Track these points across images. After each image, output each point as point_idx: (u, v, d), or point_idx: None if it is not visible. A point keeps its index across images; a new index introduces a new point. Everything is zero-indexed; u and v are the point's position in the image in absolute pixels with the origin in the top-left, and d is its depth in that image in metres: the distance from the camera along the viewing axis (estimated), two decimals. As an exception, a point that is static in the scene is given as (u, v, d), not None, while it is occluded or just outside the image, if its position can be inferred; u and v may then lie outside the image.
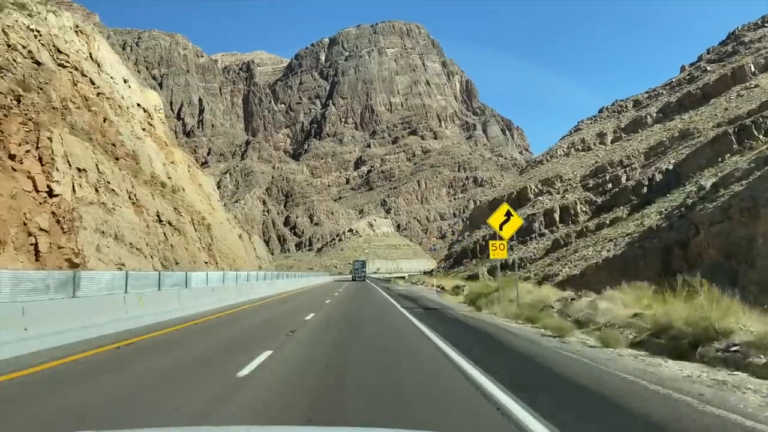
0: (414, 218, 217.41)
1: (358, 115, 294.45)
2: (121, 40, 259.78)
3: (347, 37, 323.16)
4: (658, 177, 59.21)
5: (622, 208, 59.11)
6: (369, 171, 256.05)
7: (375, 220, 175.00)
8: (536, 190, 77.97)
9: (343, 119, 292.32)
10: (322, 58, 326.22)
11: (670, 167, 58.43)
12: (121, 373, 7.27)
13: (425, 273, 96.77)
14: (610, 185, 67.71)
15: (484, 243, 74.41)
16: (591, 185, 72.05)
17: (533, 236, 69.69)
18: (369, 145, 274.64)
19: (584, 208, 68.82)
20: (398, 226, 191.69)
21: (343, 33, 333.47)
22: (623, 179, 66.36)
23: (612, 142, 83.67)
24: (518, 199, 79.01)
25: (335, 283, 67.08)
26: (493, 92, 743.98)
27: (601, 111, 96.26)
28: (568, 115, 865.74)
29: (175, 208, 41.67)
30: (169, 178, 46.53)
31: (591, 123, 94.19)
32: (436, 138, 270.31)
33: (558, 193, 74.94)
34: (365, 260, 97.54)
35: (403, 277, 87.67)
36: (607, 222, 58.21)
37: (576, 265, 50.35)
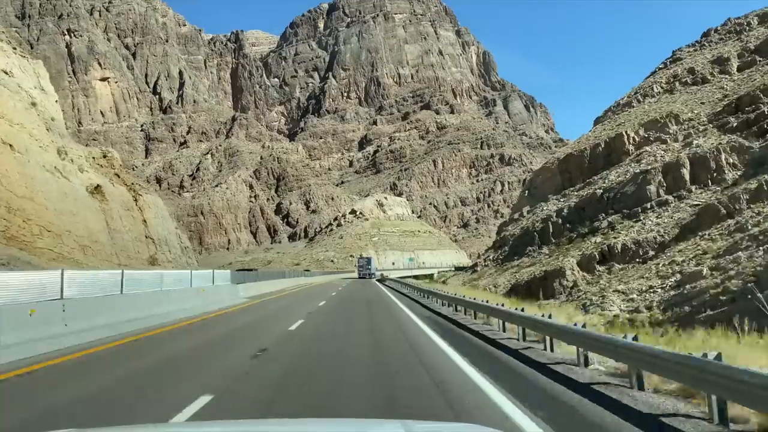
0: (430, 204, 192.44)
1: (362, 89, 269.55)
2: (89, 5, 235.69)
3: (349, 0, 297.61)
4: None
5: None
6: (376, 151, 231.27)
7: (386, 198, 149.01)
8: (637, 138, 53.08)
9: (345, 93, 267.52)
10: (321, 25, 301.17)
11: None
12: None
13: (459, 269, 72.51)
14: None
15: (563, 220, 49.72)
16: (735, 125, 47.25)
17: (648, 206, 44.94)
18: (375, 122, 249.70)
19: (731, 159, 44.03)
20: (411, 213, 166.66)
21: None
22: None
23: (740, 70, 58.77)
24: (607, 153, 54.42)
25: (324, 288, 45.53)
26: (513, 67, 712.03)
27: (706, 35, 71.22)
28: (597, 94, 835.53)
29: None
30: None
31: (695, 51, 69.30)
32: (452, 112, 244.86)
33: (676, 141, 50.08)
34: (371, 257, 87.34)
35: (431, 276, 63.90)
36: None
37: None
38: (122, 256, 29.38)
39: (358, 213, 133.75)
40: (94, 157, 39.01)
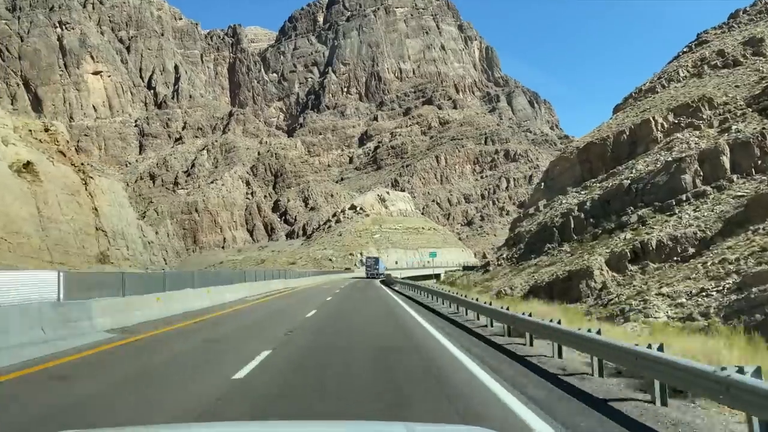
0: (433, 201, 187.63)
1: (363, 84, 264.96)
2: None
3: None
4: None
5: None
6: (376, 147, 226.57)
7: (388, 193, 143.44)
8: (666, 125, 48.56)
9: (345, 89, 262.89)
10: (320, 19, 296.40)
11: None
12: None
13: (468, 268, 67.94)
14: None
15: (585, 214, 45.19)
16: (778, 108, 42.72)
17: (683, 198, 40.44)
18: (376, 118, 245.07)
19: (777, 145, 39.51)
20: (415, 209, 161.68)
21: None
22: None
23: (775, 51, 54.32)
24: (633, 140, 49.94)
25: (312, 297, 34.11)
26: (516, 64, 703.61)
27: (734, 16, 66.69)
28: (601, 92, 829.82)
29: None
30: None
31: (722, 33, 64.77)
32: (455, 107, 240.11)
33: (710, 126, 45.57)
34: (378, 257, 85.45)
35: (438, 276, 59.38)
36: None
37: None
38: (57, 252, 24.60)
39: (358, 209, 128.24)
40: (31, 130, 32.50)
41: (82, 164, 33.37)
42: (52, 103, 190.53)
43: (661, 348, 6.92)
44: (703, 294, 26.68)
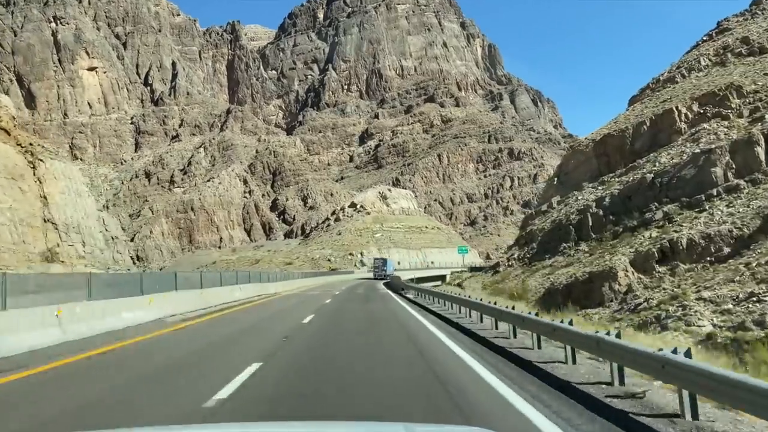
0: (435, 200, 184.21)
1: (364, 82, 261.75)
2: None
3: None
4: None
5: None
6: (377, 145, 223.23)
7: (390, 190, 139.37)
8: (690, 115, 45.32)
9: (346, 86, 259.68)
10: (320, 16, 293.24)
11: None
12: None
13: (475, 269, 64.62)
14: None
15: (604, 211, 41.94)
16: (816, 95, 39.54)
17: (714, 193, 37.24)
18: (377, 116, 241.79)
19: (817, 136, 36.31)
20: (418, 207, 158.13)
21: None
22: None
23: (805, 38, 51.18)
24: (654, 132, 46.71)
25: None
26: (519, 62, 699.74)
27: (756, 3, 63.46)
28: (604, 91, 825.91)
29: None
30: None
31: (745, 20, 61.51)
32: (458, 105, 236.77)
33: (740, 116, 42.34)
34: (386, 258, 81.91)
35: (443, 277, 56.14)
36: None
37: None
38: (-16, 247, 21.19)
39: (358, 206, 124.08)
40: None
41: (31, 144, 29.72)
42: (46, 99, 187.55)
43: None
44: (754, 299, 23.50)
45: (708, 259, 32.19)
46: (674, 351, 6.22)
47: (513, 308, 13.55)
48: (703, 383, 5.37)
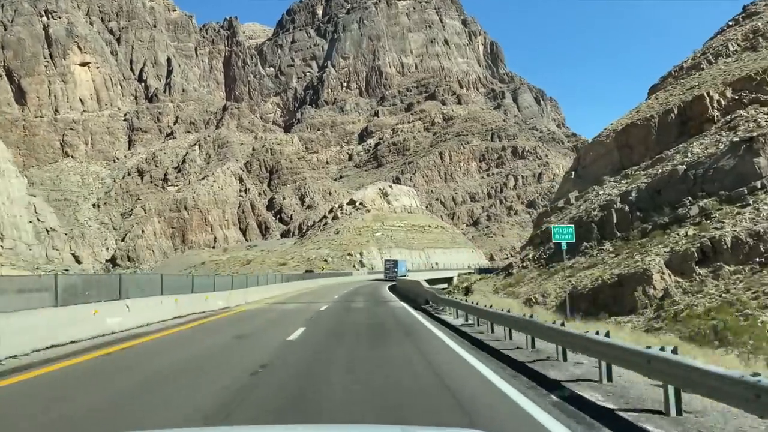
0: (436, 200, 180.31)
1: (363, 79, 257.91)
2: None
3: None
4: None
5: None
6: (377, 144, 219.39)
7: (390, 186, 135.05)
8: (723, 102, 41.44)
9: (345, 83, 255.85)
10: (319, 12, 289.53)
11: None
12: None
13: (484, 271, 60.71)
14: None
15: (630, 207, 38.04)
16: None
17: (758, 185, 33.33)
18: (377, 114, 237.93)
19: None
20: (420, 205, 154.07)
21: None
22: None
23: None
24: (682, 121, 42.83)
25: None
26: (521, 60, 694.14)
27: (785, -15, 59.56)
28: (607, 89, 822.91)
29: None
30: None
31: (773, 3, 57.64)
32: (460, 103, 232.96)
33: (781, 101, 38.46)
34: (398, 260, 78.35)
35: (449, 279, 52.36)
36: None
37: None
38: None
39: (357, 204, 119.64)
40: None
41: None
42: (37, 95, 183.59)
43: None
44: (837, 308, 19.72)
45: (757, 259, 28.26)
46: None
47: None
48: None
